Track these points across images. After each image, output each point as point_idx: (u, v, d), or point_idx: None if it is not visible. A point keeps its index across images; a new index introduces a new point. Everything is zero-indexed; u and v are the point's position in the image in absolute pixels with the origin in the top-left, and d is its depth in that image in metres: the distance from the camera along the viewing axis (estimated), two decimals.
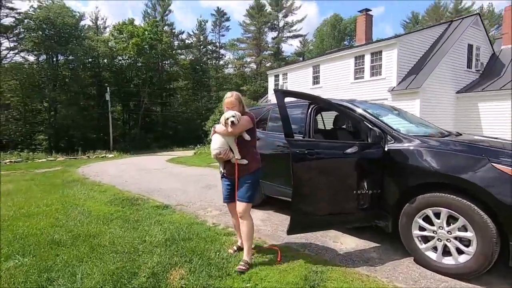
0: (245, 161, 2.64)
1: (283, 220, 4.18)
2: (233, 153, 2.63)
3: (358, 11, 16.73)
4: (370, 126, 3.04)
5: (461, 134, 3.64)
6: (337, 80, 14.41)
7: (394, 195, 2.84)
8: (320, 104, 3.69)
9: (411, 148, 2.79)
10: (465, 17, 13.84)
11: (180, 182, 7.52)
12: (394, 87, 12.16)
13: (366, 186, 2.92)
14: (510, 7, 13.41)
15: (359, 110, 3.33)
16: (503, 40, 14.23)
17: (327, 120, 5.54)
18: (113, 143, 27.97)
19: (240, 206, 2.66)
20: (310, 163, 2.78)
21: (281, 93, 2.84)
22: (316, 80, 15.79)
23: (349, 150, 2.90)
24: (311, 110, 3.81)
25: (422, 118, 4.87)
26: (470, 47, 13.27)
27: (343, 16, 46.12)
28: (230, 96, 2.62)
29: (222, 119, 2.55)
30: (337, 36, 44.62)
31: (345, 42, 44.09)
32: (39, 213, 4.50)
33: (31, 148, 27.02)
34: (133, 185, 7.11)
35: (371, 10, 16.51)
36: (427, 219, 2.65)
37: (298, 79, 16.99)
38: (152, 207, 4.83)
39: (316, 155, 2.80)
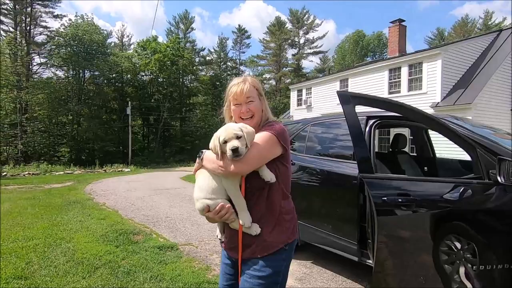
0: (256, 231, 1.23)
1: (331, 279, 2.96)
2: (235, 211, 1.25)
3: (390, 22, 15.62)
4: (500, 157, 1.83)
5: None
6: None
7: None
8: (403, 117, 2.41)
9: None
10: None
11: (193, 208, 6.43)
12: (438, 102, 10.72)
13: (493, 259, 1.70)
14: None
15: (467, 129, 2.14)
16: None
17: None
18: (132, 156, 27.76)
19: None
20: (404, 217, 1.61)
21: (350, 98, 1.74)
22: None
23: (468, 195, 1.70)
24: (371, 127, 2.64)
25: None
26: None
27: (366, 33, 45.15)
28: (241, 82, 1.34)
29: (213, 143, 1.26)
30: (359, 53, 43.49)
31: (367, 58, 42.77)
32: (11, 252, 3.53)
33: (53, 160, 27.36)
34: (138, 211, 6.12)
35: (404, 21, 15.37)
36: None
37: (323, 94, 15.88)
38: (153, 248, 3.75)
39: (416, 204, 1.63)
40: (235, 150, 1.15)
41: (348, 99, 1.74)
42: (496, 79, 10.80)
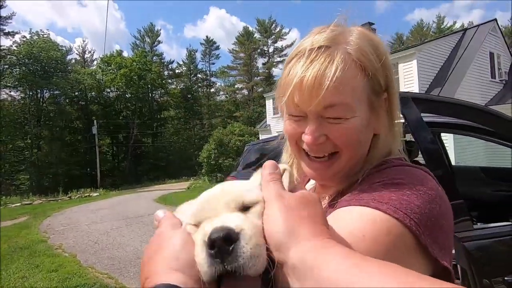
0: None
1: None
2: None
3: (361, 26, 15.66)
4: None
5: None
6: None
7: None
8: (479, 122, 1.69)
9: None
10: (481, 24, 12.78)
11: None
12: None
13: None
14: None
15: None
16: None
17: None
18: (101, 178, 25.84)
19: None
20: None
21: (410, 101, 1.06)
22: None
23: None
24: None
25: None
26: (491, 55, 12.10)
27: None
28: (318, 51, 0.51)
29: (198, 247, 0.39)
30: None
31: None
32: None
33: (11, 189, 24.87)
34: (102, 251, 5.09)
35: (374, 24, 15.51)
36: None
37: None
38: None
39: None
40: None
41: (407, 102, 1.09)
42: (469, 76, 10.99)
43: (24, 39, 29.15)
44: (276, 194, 0.40)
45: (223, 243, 0.35)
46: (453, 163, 4.69)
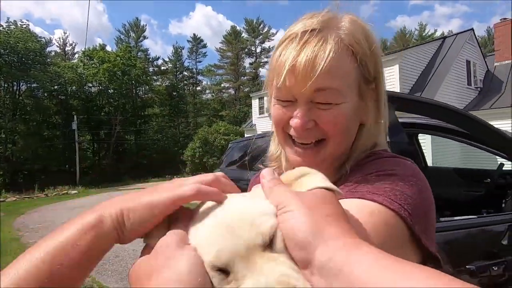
0: None
1: None
2: None
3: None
4: None
5: None
6: None
7: None
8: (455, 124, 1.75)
9: None
10: (459, 33, 13.38)
11: None
12: None
13: None
14: (502, 23, 13.11)
15: None
16: (495, 57, 13.83)
17: None
18: (80, 175, 25.06)
19: None
20: None
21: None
22: None
23: None
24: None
25: None
26: (468, 63, 12.66)
27: None
28: (310, 35, 0.51)
29: None
30: None
31: None
32: None
33: None
34: None
35: None
36: None
37: None
38: None
39: None
40: None
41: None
42: (447, 83, 11.45)
43: (0, 28, 27.82)
44: (289, 193, 0.36)
45: None
46: (430, 164, 4.85)
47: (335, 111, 0.51)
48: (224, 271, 0.32)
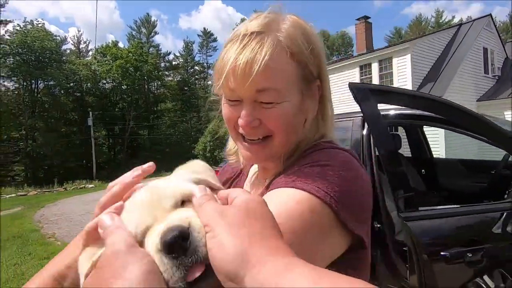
0: None
1: None
2: None
3: (356, 19, 15.73)
4: None
5: None
6: (340, 93, 12.96)
7: None
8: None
9: None
10: (476, 19, 12.82)
11: None
12: None
13: None
14: None
15: None
16: None
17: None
18: (96, 170, 25.81)
19: None
20: None
21: (369, 93, 1.12)
22: None
23: None
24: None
25: None
26: (485, 50, 12.16)
27: (330, 33, 46.35)
28: (251, 36, 0.54)
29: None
30: (326, 52, 44.51)
31: (333, 58, 43.87)
32: None
33: (6, 180, 24.73)
34: None
35: (369, 18, 15.51)
36: None
37: None
38: None
39: None
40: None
41: (366, 94, 1.14)
42: (462, 71, 11.06)
43: (18, 28, 28.66)
44: (215, 213, 0.34)
45: (180, 242, 0.32)
46: (443, 155, 4.74)
47: (277, 109, 0.55)
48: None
